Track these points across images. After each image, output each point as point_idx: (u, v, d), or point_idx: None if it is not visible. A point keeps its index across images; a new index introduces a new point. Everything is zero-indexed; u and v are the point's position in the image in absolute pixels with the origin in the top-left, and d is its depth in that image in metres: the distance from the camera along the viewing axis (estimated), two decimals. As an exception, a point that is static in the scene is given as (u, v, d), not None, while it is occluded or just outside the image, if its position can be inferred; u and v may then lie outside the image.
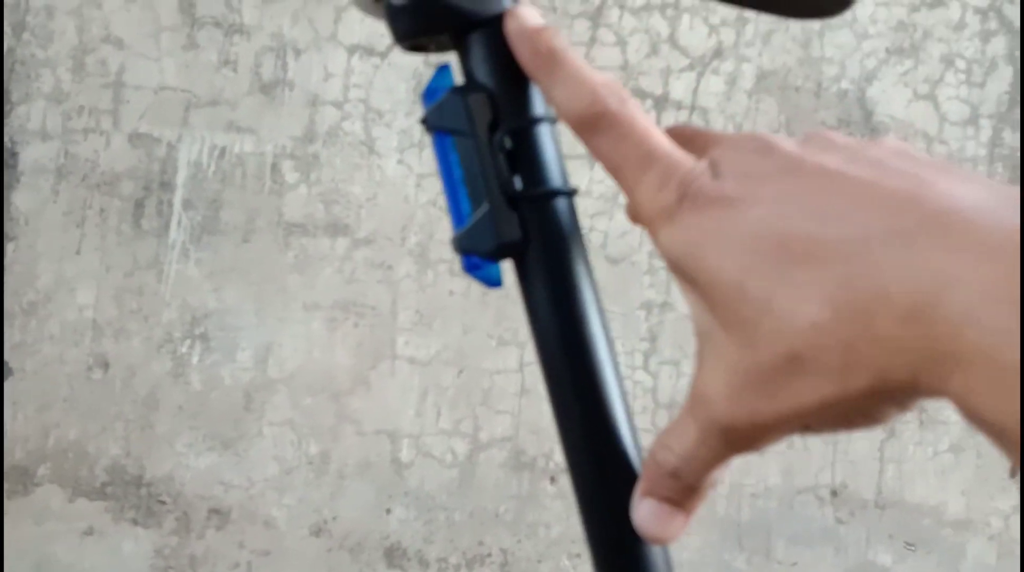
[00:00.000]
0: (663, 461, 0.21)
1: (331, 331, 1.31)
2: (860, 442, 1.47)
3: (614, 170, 0.21)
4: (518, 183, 0.24)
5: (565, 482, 1.47)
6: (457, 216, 0.25)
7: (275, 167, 1.15)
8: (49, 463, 1.25)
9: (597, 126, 0.21)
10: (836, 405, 0.17)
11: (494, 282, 0.25)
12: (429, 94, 0.25)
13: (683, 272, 0.20)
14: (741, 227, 0.18)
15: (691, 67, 1.12)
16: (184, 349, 1.25)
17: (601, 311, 0.25)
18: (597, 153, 0.22)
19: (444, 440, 1.40)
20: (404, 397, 1.37)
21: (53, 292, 1.20)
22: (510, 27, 0.23)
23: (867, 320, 0.16)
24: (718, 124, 1.12)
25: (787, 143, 0.19)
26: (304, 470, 1.33)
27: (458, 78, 0.25)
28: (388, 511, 1.36)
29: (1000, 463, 1.53)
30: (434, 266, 1.26)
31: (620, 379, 0.25)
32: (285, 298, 1.22)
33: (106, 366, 1.22)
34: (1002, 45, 1.13)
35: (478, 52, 0.24)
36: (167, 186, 1.13)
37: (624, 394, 0.26)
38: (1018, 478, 1.52)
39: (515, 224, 0.24)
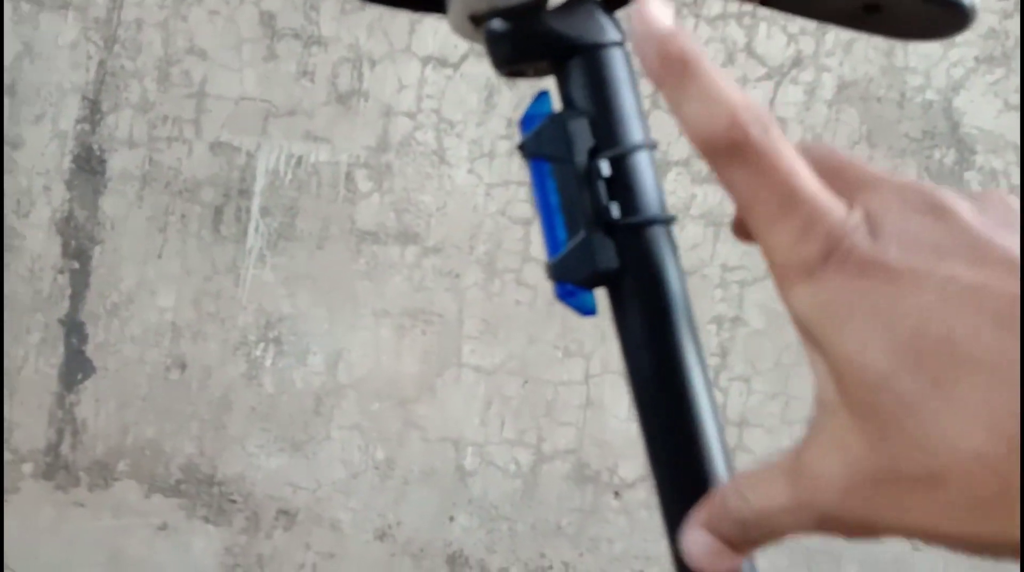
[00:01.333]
0: (734, 508, 0.19)
1: (399, 338, 1.32)
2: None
3: (746, 207, 0.18)
4: (616, 211, 0.24)
5: (629, 497, 1.45)
6: (552, 243, 0.24)
7: (349, 176, 1.17)
8: (128, 459, 1.30)
9: (733, 155, 0.18)
10: (971, 543, 0.15)
11: (588, 311, 0.25)
12: (527, 121, 0.25)
13: (813, 337, 0.17)
14: (900, 311, 0.15)
15: (768, 76, 1.10)
16: (258, 352, 1.29)
17: (698, 342, 0.24)
18: (729, 184, 0.19)
19: (508, 450, 1.40)
20: (469, 405, 1.38)
21: (135, 294, 1.25)
22: (637, 27, 0.20)
23: None
24: (796, 135, 1.09)
25: (965, 208, 0.16)
26: (370, 475, 1.34)
27: (556, 104, 0.25)
28: (451, 518, 1.36)
29: None
30: (501, 275, 1.26)
31: (717, 414, 0.25)
32: (355, 305, 1.24)
33: (183, 367, 1.26)
34: (1102, 54, 1.08)
35: (578, 78, 0.24)
36: (246, 193, 1.16)
37: (721, 429, 0.25)
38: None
39: (612, 252, 0.24)
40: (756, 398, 1.37)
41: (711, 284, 1.25)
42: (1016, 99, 1.09)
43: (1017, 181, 1.23)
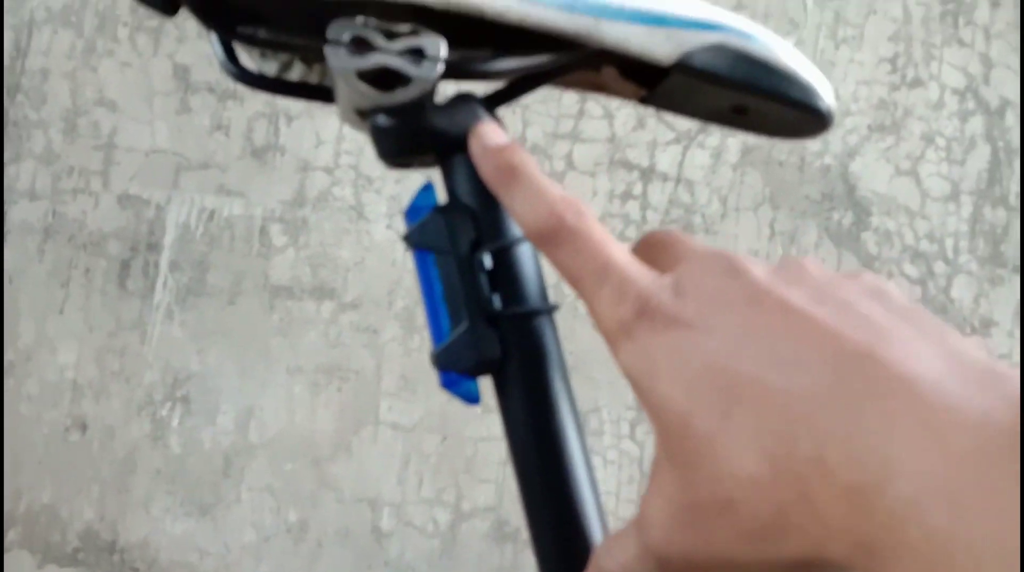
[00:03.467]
0: (605, 567, 0.20)
1: (314, 395, 1.29)
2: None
3: (574, 282, 0.21)
4: (497, 302, 0.24)
5: (549, 553, 1.44)
6: (437, 332, 0.25)
7: (263, 230, 1.15)
8: (20, 527, 1.22)
9: (555, 239, 0.21)
10: (766, 564, 0.16)
11: (472, 399, 0.25)
12: (412, 213, 0.25)
13: (639, 391, 0.19)
14: (694, 356, 0.17)
15: (677, 140, 1.14)
16: (164, 412, 1.24)
17: (579, 423, 0.25)
18: (558, 266, 0.21)
19: (426, 509, 1.38)
20: (386, 464, 1.35)
21: (34, 351, 1.19)
22: (472, 145, 0.23)
23: (804, 487, 0.15)
24: (703, 196, 1.13)
25: (758, 268, 0.18)
26: (282, 538, 1.30)
27: (441, 196, 0.25)
28: (367, 581, 1.32)
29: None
30: (420, 330, 1.25)
31: (597, 495, 0.25)
32: (268, 361, 1.21)
33: (84, 428, 1.20)
34: (979, 124, 1.16)
35: (461, 172, 0.25)
36: (154, 247, 1.13)
37: (599, 501, 0.25)
38: None
39: (494, 342, 0.24)
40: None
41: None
42: (906, 165, 1.16)
43: (911, 241, 1.30)
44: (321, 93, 0.27)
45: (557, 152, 1.21)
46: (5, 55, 1.16)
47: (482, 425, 1.37)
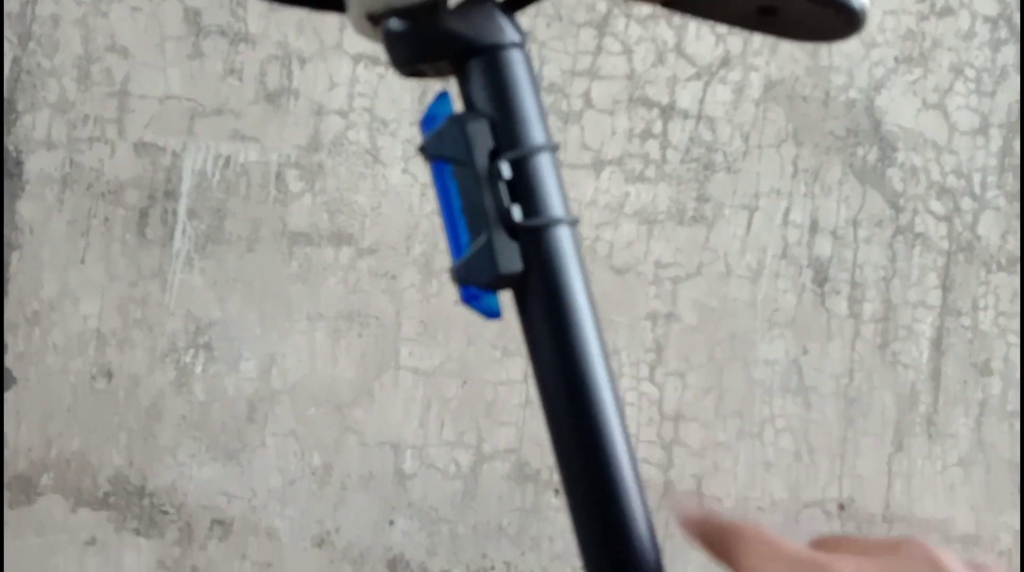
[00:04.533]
0: None
1: (334, 342, 1.30)
2: (868, 457, 1.45)
3: None
4: (518, 213, 0.23)
5: (570, 494, 1.46)
6: (456, 246, 0.24)
7: (279, 176, 1.15)
8: (52, 473, 1.25)
9: None
10: None
11: (492, 314, 0.24)
12: (427, 121, 0.24)
13: None
14: None
15: (698, 76, 1.11)
16: (188, 359, 1.25)
17: (602, 342, 0.24)
18: None
19: (447, 452, 1.39)
20: (407, 408, 1.37)
21: (57, 302, 1.20)
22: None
23: None
24: (725, 134, 1.11)
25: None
26: (307, 481, 1.32)
27: (457, 105, 0.24)
28: (391, 523, 1.35)
29: (1010, 478, 1.51)
30: (438, 276, 1.25)
31: (620, 409, 0.25)
32: (288, 308, 1.21)
33: (109, 376, 1.22)
34: (1012, 54, 1.12)
35: (478, 79, 0.24)
36: (171, 195, 1.13)
37: (623, 422, 0.25)
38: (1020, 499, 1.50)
39: (515, 255, 0.23)
40: (691, 392, 1.39)
41: (645, 281, 1.26)
42: (933, 98, 1.13)
43: (937, 177, 1.27)
44: (332, 2, 0.26)
45: (575, 90, 1.19)
46: (15, 2, 1.15)
47: (502, 369, 1.37)
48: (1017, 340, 1.49)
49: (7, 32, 1.15)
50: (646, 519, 0.25)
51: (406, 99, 1.15)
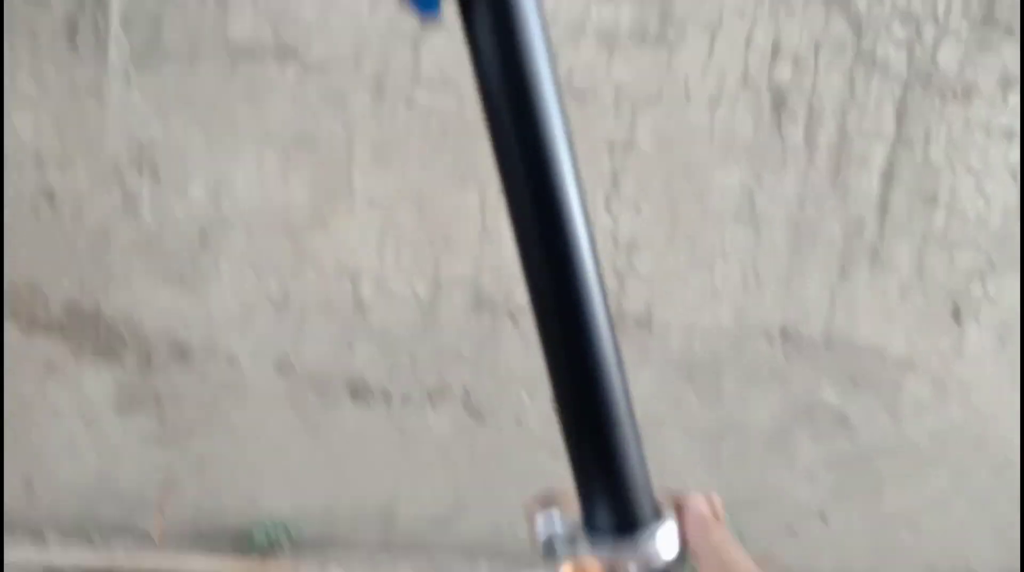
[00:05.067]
0: None
1: (285, 166, 1.27)
2: (812, 285, 1.50)
3: None
4: None
5: (525, 321, 1.49)
6: None
7: (219, -15, 1.08)
8: (4, 299, 1.23)
9: None
10: None
11: (431, 8, 0.22)
12: None
13: None
14: None
15: None
16: (132, 182, 1.21)
17: (551, 59, 0.23)
18: None
19: (405, 280, 1.40)
20: (363, 237, 1.36)
21: (-12, 122, 1.14)
22: None
23: None
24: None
25: None
26: (265, 308, 1.32)
27: None
28: (351, 349, 1.37)
29: (944, 305, 1.58)
30: (390, 99, 1.21)
31: (569, 137, 0.23)
32: (235, 129, 1.17)
33: (52, 197, 1.18)
34: None
35: None
36: (102, 2, 1.05)
37: (574, 158, 0.24)
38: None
39: None
40: (645, 222, 1.41)
41: (604, 105, 1.24)
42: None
43: (903, 1, 1.25)
44: None
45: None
46: None
47: (459, 197, 1.36)
48: (965, 173, 1.52)
49: None
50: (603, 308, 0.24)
51: (352, -100, 1.07)
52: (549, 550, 0.24)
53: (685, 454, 1.45)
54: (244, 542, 1.27)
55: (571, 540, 0.24)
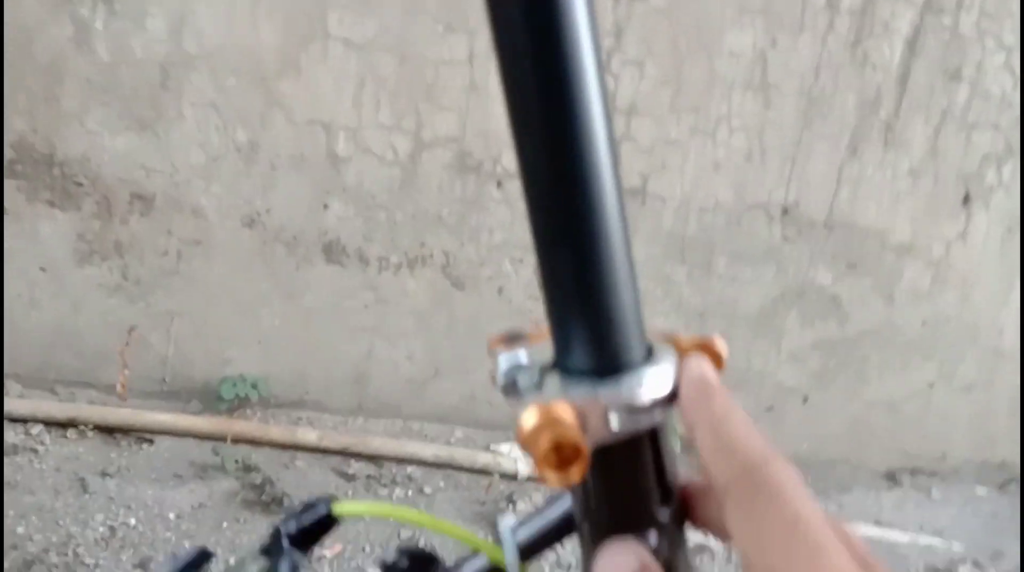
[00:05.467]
0: None
1: (254, 3, 1.15)
2: (819, 161, 1.41)
3: None
4: None
5: (512, 187, 1.41)
6: None
7: None
8: (-52, 137, 1.14)
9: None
10: None
11: None
12: None
13: None
14: None
15: None
16: (85, 12, 1.10)
17: None
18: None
19: (384, 135, 1.31)
20: (339, 85, 1.25)
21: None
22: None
23: None
24: None
25: None
26: (232, 158, 1.24)
27: None
28: (325, 207, 1.29)
29: (955, 190, 1.51)
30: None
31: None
32: (195, -46, 1.05)
33: (-7, 25, 1.07)
34: None
35: None
36: None
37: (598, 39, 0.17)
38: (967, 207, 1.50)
39: None
40: (648, 84, 1.30)
41: (609, -55, 1.11)
42: None
43: None
44: None
45: None
46: None
47: (444, 46, 1.25)
48: (996, 48, 1.40)
49: None
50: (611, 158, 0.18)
51: None
52: (511, 392, 0.20)
53: (670, 332, 1.41)
54: (212, 399, 1.24)
55: (539, 380, 0.19)
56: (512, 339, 0.21)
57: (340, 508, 0.27)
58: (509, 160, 1.36)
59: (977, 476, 1.67)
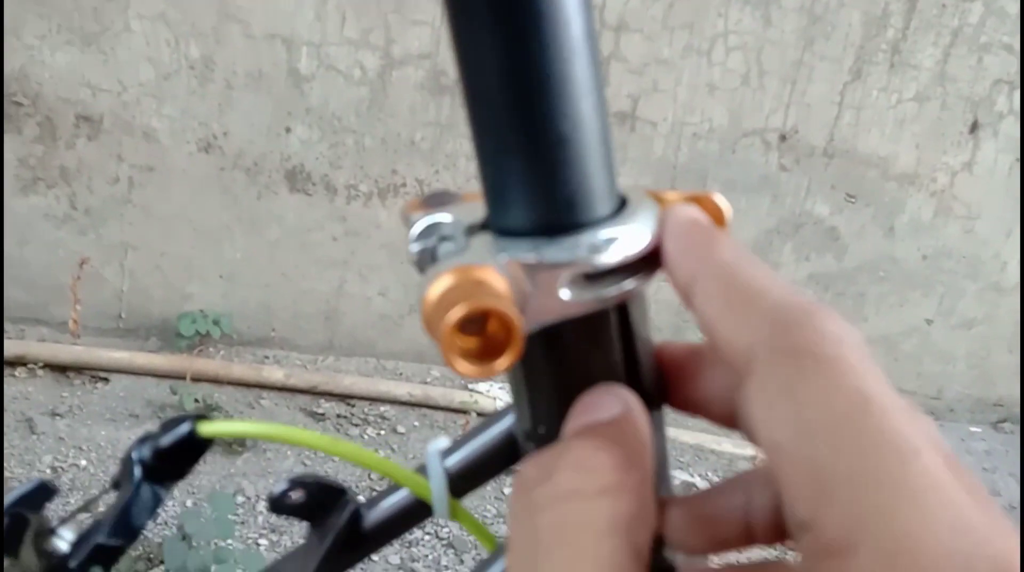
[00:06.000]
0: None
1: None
2: (821, 84, 1.32)
3: None
4: None
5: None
6: None
7: None
8: None
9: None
10: None
11: None
12: None
13: None
14: None
15: None
16: (8, -93, 0.99)
17: None
18: None
19: (351, 52, 1.21)
20: (301, -5, 1.15)
21: None
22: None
23: None
24: None
25: None
26: (185, 76, 1.14)
27: None
28: (288, 130, 1.20)
29: (962, 117, 1.42)
30: None
31: None
32: None
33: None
34: None
35: None
36: None
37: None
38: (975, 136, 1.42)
39: None
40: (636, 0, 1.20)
41: None
42: None
43: None
44: None
45: None
46: None
47: (414, -48, 1.14)
48: (1015, -41, 1.29)
49: None
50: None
51: None
52: (427, 261, 0.14)
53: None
54: (171, 336, 1.17)
55: (462, 243, 0.14)
56: (435, 201, 0.16)
57: (207, 428, 0.22)
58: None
59: (972, 414, 1.63)
